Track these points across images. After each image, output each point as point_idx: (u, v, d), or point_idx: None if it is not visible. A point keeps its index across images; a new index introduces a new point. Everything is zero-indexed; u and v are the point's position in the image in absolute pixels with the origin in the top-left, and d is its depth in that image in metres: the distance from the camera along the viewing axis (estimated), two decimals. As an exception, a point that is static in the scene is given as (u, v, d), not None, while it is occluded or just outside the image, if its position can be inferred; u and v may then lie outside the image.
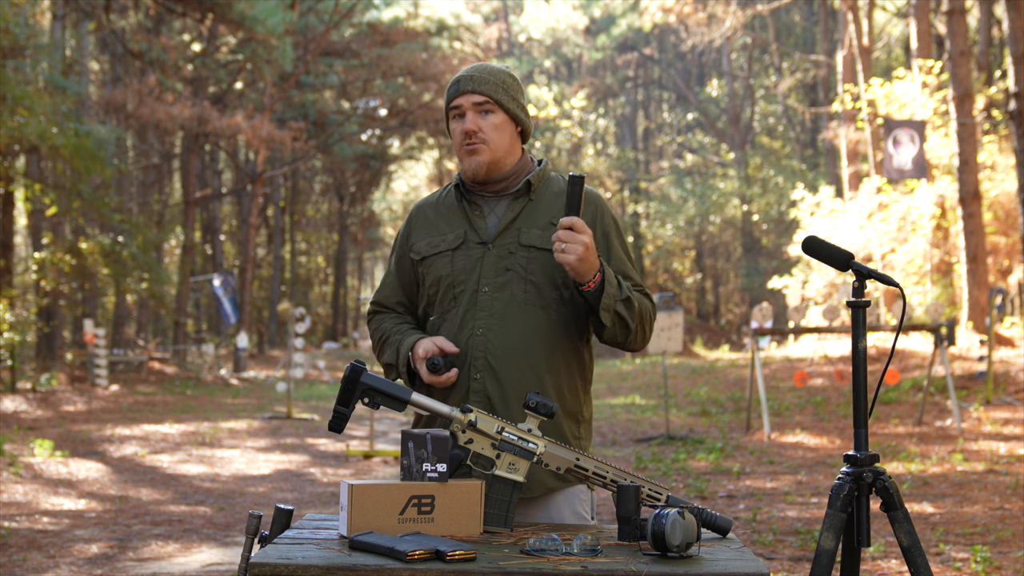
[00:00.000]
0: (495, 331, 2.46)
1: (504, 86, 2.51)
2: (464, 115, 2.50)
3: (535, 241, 2.48)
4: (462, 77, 2.52)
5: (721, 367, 21.37)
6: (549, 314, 2.48)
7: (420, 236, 2.61)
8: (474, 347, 2.46)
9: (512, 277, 2.48)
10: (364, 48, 28.60)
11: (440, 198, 2.64)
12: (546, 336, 2.47)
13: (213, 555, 5.95)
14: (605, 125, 47.65)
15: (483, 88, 2.48)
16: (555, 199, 2.54)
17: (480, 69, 2.52)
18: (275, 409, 15.72)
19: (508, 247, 2.49)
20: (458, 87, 2.50)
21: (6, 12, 15.97)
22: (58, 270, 20.45)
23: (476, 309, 2.48)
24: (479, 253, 2.50)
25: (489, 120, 2.49)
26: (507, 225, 2.50)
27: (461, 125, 2.50)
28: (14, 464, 9.32)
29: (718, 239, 42.51)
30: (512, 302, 2.47)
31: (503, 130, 2.51)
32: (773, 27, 36.84)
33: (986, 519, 6.41)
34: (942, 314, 13.20)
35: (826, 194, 23.27)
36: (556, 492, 2.46)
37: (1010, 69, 14.42)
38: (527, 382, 2.43)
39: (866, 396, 2.26)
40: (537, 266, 2.47)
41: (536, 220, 2.51)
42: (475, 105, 2.49)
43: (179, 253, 32.11)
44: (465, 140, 2.49)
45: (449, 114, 2.55)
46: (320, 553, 1.97)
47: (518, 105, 2.54)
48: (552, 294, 2.48)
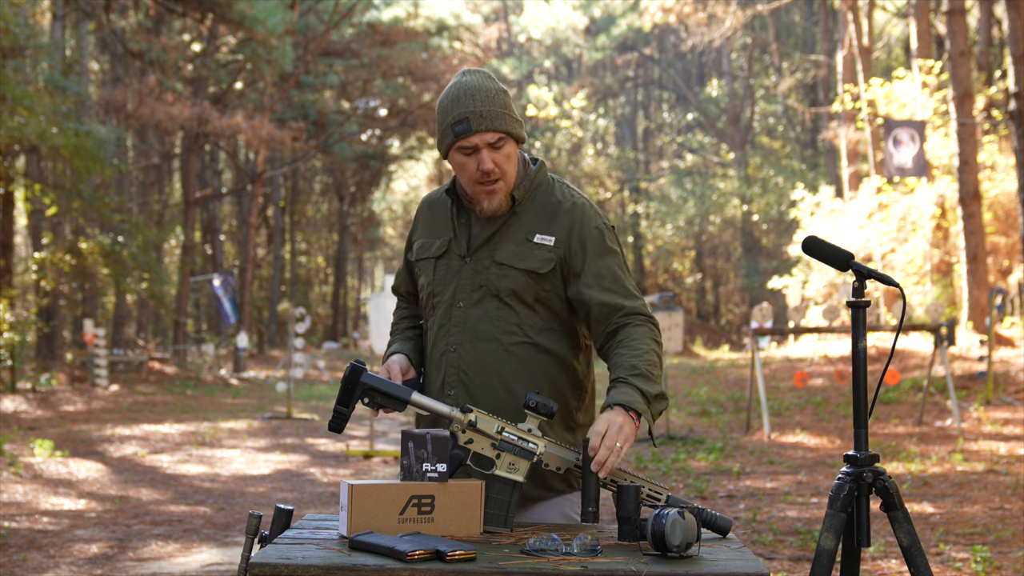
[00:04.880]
0: (467, 348, 2.43)
1: (507, 110, 2.40)
2: (477, 152, 2.38)
3: (507, 259, 2.42)
4: (471, 114, 2.36)
5: (721, 367, 21.38)
6: (524, 331, 2.42)
7: (418, 235, 2.61)
8: (448, 363, 2.45)
9: (485, 294, 2.44)
10: (364, 48, 28.58)
11: (438, 198, 2.60)
12: (521, 353, 2.42)
13: (213, 555, 5.95)
14: (605, 125, 47.66)
15: (496, 125, 2.37)
16: (538, 212, 2.45)
17: (482, 99, 2.37)
18: (275, 409, 15.72)
19: (483, 262, 2.45)
20: (468, 126, 2.36)
21: (6, 12, 15.97)
22: (58, 270, 20.45)
23: (451, 324, 2.46)
24: (458, 266, 2.47)
25: (502, 153, 2.39)
26: (486, 240, 2.45)
27: (475, 162, 2.39)
28: (14, 464, 9.32)
29: (718, 239, 42.51)
30: (485, 318, 2.43)
31: (514, 156, 2.44)
32: (773, 27, 36.85)
33: (986, 519, 6.41)
34: (942, 314, 13.19)
35: (826, 194, 23.27)
36: (541, 502, 2.44)
37: (1010, 69, 14.42)
38: (500, 399, 2.40)
39: (866, 396, 2.26)
40: (508, 284, 2.41)
41: (514, 235, 2.44)
42: (489, 144, 2.38)
43: (179, 253, 32.10)
44: (482, 178, 2.40)
45: (454, 146, 2.40)
46: (320, 553, 1.97)
47: (519, 123, 2.45)
48: (526, 312, 2.42)
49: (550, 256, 2.42)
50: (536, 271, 2.41)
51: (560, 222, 2.44)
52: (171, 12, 24.06)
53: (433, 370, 2.49)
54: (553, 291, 2.44)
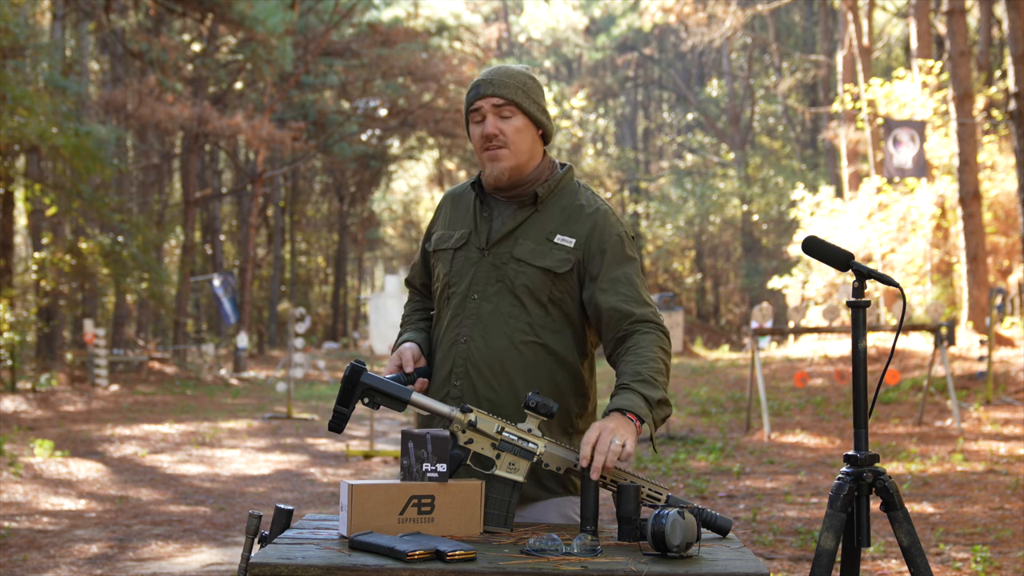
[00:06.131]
0: (477, 341, 2.44)
1: (524, 88, 2.45)
2: (484, 119, 2.45)
3: (526, 255, 2.43)
4: (481, 81, 2.46)
5: (721, 367, 21.38)
6: (534, 329, 2.43)
7: (438, 227, 2.61)
8: (457, 354, 2.46)
9: (501, 289, 2.45)
10: (364, 48, 28.58)
11: (463, 192, 2.62)
12: (529, 352, 2.43)
13: (213, 555, 5.95)
14: (605, 125, 47.65)
15: (502, 91, 2.42)
16: (561, 213, 2.47)
17: (499, 72, 2.46)
18: (275, 409, 15.72)
19: (502, 257, 2.46)
20: (477, 91, 2.44)
21: (6, 12, 15.97)
22: (58, 270, 20.45)
23: (464, 315, 2.47)
24: (476, 258, 2.48)
25: (510, 123, 2.43)
26: (506, 234, 2.47)
27: (481, 129, 2.45)
28: (14, 464, 9.32)
29: (718, 239, 42.51)
30: (497, 313, 2.44)
31: (524, 133, 2.45)
32: (773, 27, 36.85)
33: (986, 519, 6.41)
34: (942, 314, 13.19)
35: (826, 194, 23.27)
36: (539, 501, 2.44)
37: (1010, 69, 14.42)
38: (502, 395, 2.41)
39: (866, 396, 2.26)
40: (524, 281, 2.43)
41: (534, 233, 2.46)
42: (495, 108, 2.43)
43: (179, 253, 32.10)
44: (485, 144, 2.44)
45: (469, 118, 2.49)
46: (320, 553, 1.97)
47: (539, 107, 2.47)
48: (538, 311, 2.43)
49: (568, 257, 2.43)
50: (553, 270, 2.42)
51: (582, 225, 2.45)
52: (171, 12, 24.05)
53: (441, 359, 2.50)
54: (568, 293, 2.45)
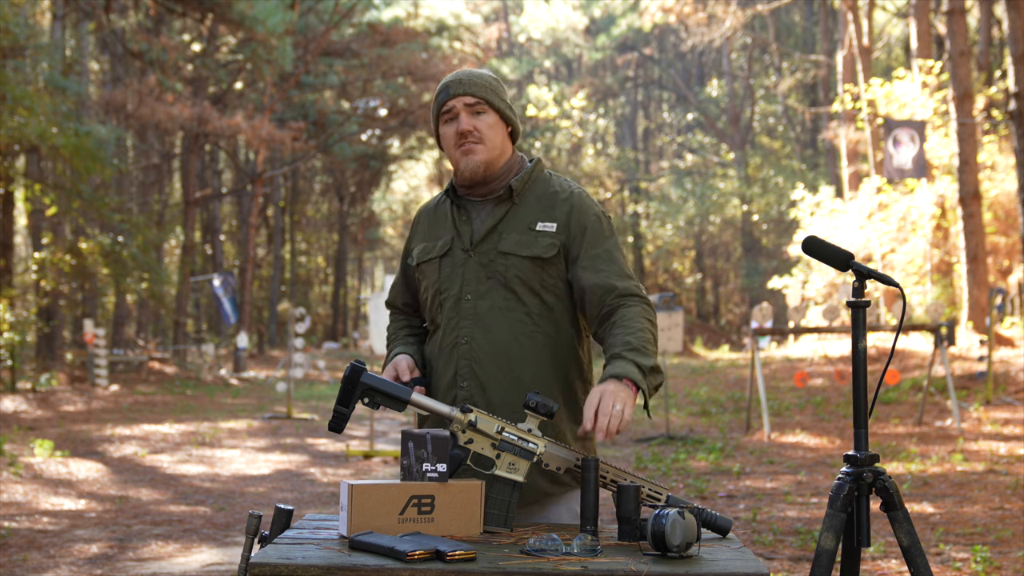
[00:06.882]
0: (478, 339, 2.46)
1: (492, 87, 2.52)
2: (457, 117, 2.50)
3: (512, 247, 2.47)
4: (451, 82, 2.51)
5: (721, 367, 21.37)
6: (533, 320, 2.47)
7: (417, 242, 2.64)
8: (459, 355, 2.47)
9: (493, 284, 2.47)
10: (364, 48, 28.58)
11: (437, 203, 2.66)
12: (531, 342, 2.46)
13: (213, 555, 5.95)
14: (605, 125, 47.65)
15: (473, 90, 2.49)
16: (537, 202, 2.52)
17: (466, 73, 2.53)
18: (275, 409, 15.72)
19: (488, 254, 2.49)
20: (448, 92, 2.50)
21: (6, 12, 15.97)
22: (58, 270, 20.45)
23: (460, 317, 2.49)
24: (462, 260, 2.51)
25: (483, 120, 2.50)
26: (489, 231, 2.50)
27: (455, 127, 2.50)
28: (14, 464, 9.32)
29: (718, 239, 42.51)
30: (494, 309, 2.47)
31: (496, 129, 2.51)
32: (773, 27, 36.84)
33: (986, 519, 6.41)
34: (942, 314, 13.19)
35: (826, 194, 23.27)
36: (552, 497, 2.45)
37: (1010, 69, 14.42)
38: (512, 390, 2.42)
39: (866, 396, 2.26)
40: (515, 272, 2.46)
41: (516, 224, 2.49)
42: (467, 107, 2.49)
43: (179, 253, 32.10)
44: (460, 140, 2.49)
45: (440, 119, 2.54)
46: (320, 553, 1.97)
47: (507, 105, 2.55)
48: (533, 300, 2.47)
49: (553, 242, 2.47)
50: (541, 256, 2.46)
51: (560, 210, 2.50)
52: (171, 12, 24.05)
53: (443, 363, 2.51)
54: (558, 277, 2.49)
